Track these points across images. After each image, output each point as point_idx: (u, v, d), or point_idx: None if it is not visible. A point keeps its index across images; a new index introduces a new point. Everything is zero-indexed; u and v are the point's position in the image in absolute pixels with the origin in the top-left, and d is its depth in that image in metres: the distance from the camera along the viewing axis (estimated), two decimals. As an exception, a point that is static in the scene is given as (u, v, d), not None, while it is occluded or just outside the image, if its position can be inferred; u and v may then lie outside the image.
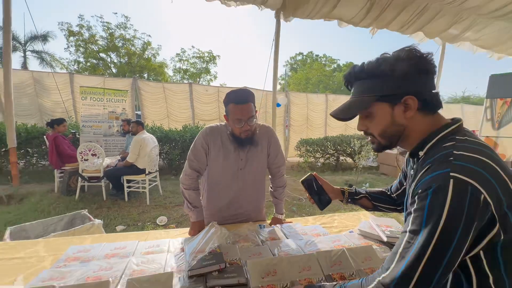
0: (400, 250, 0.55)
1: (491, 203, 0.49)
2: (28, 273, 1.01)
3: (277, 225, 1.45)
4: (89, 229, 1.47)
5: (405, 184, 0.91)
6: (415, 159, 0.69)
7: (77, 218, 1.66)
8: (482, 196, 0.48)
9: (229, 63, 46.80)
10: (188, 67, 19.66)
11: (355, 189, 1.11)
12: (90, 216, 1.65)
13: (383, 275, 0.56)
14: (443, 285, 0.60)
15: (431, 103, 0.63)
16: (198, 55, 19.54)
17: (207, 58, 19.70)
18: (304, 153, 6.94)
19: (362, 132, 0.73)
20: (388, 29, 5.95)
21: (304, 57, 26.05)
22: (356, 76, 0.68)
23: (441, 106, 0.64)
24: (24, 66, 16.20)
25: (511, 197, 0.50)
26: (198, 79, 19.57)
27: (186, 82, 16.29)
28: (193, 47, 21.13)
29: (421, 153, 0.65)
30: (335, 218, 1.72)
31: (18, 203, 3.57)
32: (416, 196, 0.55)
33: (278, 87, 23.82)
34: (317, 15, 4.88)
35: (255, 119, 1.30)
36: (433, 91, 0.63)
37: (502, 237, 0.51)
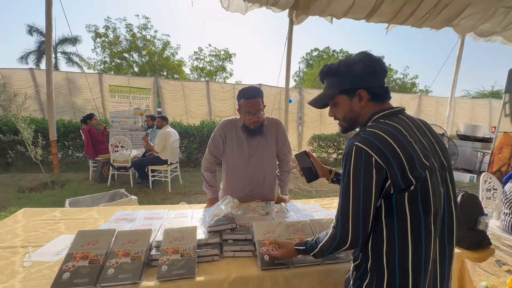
0: (339, 202, 0.76)
1: (383, 164, 0.68)
2: (90, 227, 1.34)
3: (281, 203, 1.70)
4: (127, 203, 1.82)
5: None
6: None
7: (117, 195, 2.03)
8: (373, 158, 0.68)
9: (244, 61, 47.12)
10: (205, 65, 20.15)
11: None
12: (127, 193, 2.02)
13: (334, 222, 0.78)
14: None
15: (379, 95, 0.81)
16: (214, 53, 19.96)
17: (223, 56, 20.07)
18: (316, 149, 7.08)
19: None
20: (404, 25, 5.90)
21: (320, 52, 25.67)
22: (325, 74, 0.87)
23: (389, 97, 0.83)
24: (55, 67, 17.50)
25: (400, 163, 0.68)
26: (214, 76, 20.03)
27: (203, 80, 16.77)
28: (210, 45, 21.63)
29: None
30: (334, 200, 1.94)
31: (60, 188, 4.10)
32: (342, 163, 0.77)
33: (294, 83, 23.73)
34: (327, 12, 4.97)
35: (262, 112, 1.54)
36: (383, 86, 0.81)
37: (392, 191, 0.69)
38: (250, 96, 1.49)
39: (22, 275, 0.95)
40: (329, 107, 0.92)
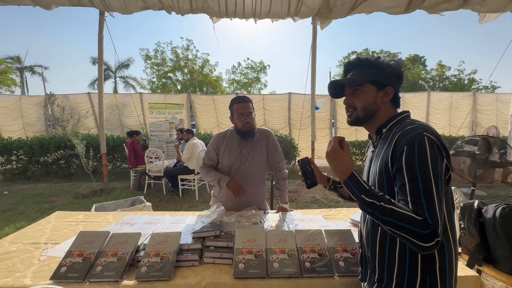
0: (410, 198, 0.69)
1: (442, 150, 0.73)
2: (101, 230, 1.52)
3: (280, 212, 1.67)
4: (141, 209, 2.02)
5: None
6: (378, 136, 0.89)
7: (137, 202, 2.26)
8: (442, 148, 0.73)
9: (277, 71, 47.79)
10: (241, 78, 20.97)
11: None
12: (144, 200, 2.23)
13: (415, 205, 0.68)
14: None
15: (397, 99, 0.89)
16: (250, 66, 20.69)
17: (258, 68, 20.64)
18: (350, 156, 6.68)
19: None
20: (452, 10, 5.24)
21: (357, 55, 24.53)
22: (360, 64, 0.90)
23: (399, 106, 0.91)
24: (115, 90, 20.23)
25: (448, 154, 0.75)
26: (249, 88, 20.66)
27: (238, 92, 17.44)
28: (248, 58, 22.55)
29: (384, 130, 0.87)
30: (342, 211, 1.82)
31: (106, 195, 4.67)
32: (403, 153, 0.72)
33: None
34: (355, 10, 4.77)
35: (254, 114, 1.63)
36: (399, 92, 0.90)
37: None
38: (242, 100, 1.62)
39: (35, 267, 1.14)
40: (346, 94, 0.92)
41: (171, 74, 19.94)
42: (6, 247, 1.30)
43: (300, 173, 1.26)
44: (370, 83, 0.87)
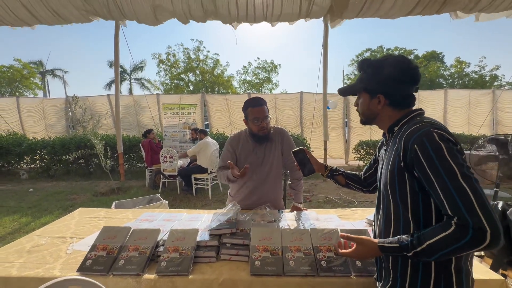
0: (443, 197, 0.66)
1: (456, 144, 0.71)
2: (122, 225, 1.59)
3: (295, 212, 1.67)
4: (158, 206, 2.09)
5: (375, 165, 1.12)
6: (390, 134, 0.89)
7: (154, 199, 2.33)
8: (454, 140, 0.71)
9: (288, 70, 47.47)
10: (252, 79, 21.02)
11: (336, 167, 1.28)
12: (161, 198, 2.30)
13: (456, 218, 0.64)
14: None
15: (399, 102, 0.85)
16: (261, 66, 20.71)
17: (269, 68, 20.61)
18: (363, 156, 6.55)
19: None
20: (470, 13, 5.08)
21: (372, 53, 23.92)
22: (360, 67, 0.91)
23: (410, 106, 0.86)
24: (130, 91, 20.85)
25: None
26: (260, 88, 20.67)
27: (250, 92, 17.49)
28: (258, 58, 22.57)
29: (395, 129, 0.86)
30: (357, 211, 1.80)
31: (123, 193, 4.83)
32: (417, 153, 0.70)
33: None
34: (366, 14, 4.69)
35: (269, 118, 1.60)
36: (408, 93, 0.84)
37: None
38: (256, 104, 1.57)
39: (63, 259, 1.20)
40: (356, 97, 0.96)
41: (183, 76, 20.30)
42: (36, 241, 1.38)
43: (296, 163, 1.27)
44: (364, 90, 0.89)
